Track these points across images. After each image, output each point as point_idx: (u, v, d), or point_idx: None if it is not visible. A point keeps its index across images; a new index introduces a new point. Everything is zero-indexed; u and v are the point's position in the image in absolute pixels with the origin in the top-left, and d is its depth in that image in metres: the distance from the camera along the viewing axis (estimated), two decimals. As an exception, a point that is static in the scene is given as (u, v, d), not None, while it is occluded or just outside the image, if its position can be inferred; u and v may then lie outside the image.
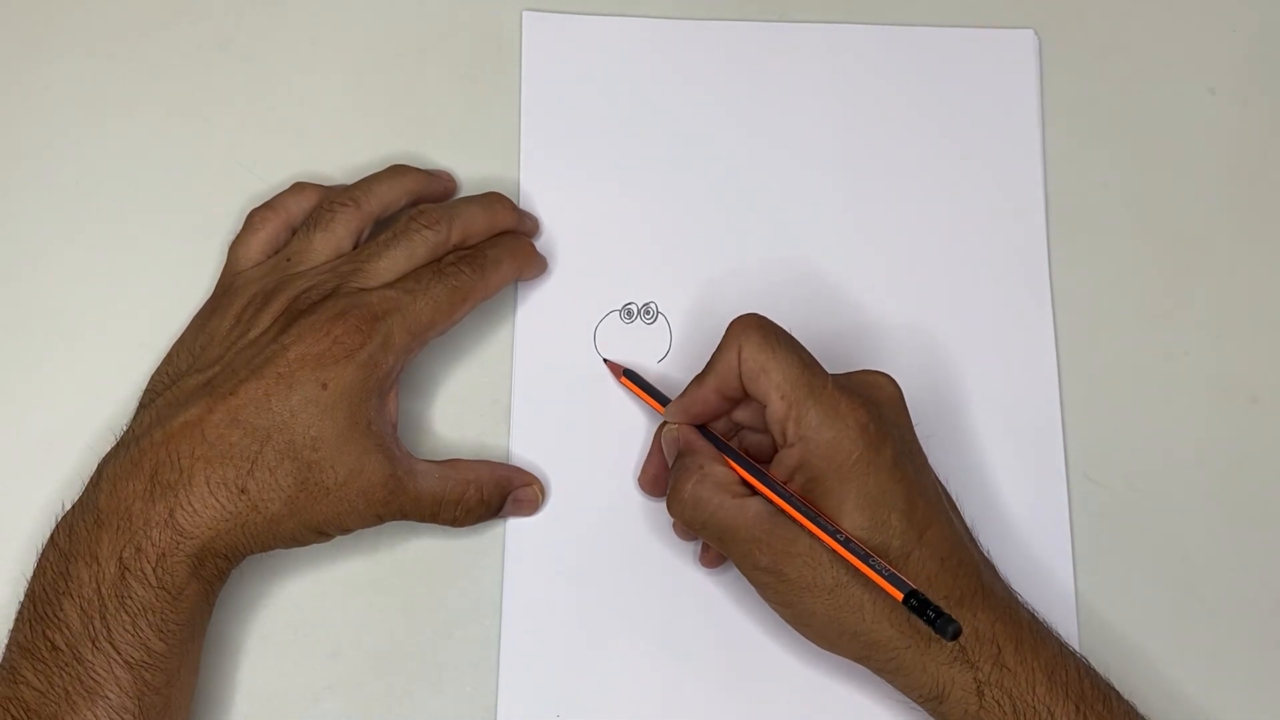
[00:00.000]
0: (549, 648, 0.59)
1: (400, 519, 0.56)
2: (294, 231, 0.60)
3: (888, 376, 0.57)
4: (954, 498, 0.57)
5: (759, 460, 0.57)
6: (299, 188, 0.61)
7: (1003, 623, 0.53)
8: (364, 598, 0.60)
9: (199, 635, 0.54)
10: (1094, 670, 0.54)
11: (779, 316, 0.64)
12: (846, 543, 0.51)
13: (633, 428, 0.62)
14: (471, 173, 0.65)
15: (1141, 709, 0.54)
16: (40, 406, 0.62)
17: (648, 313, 0.64)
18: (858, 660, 0.54)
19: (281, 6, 0.68)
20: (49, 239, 0.64)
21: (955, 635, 0.48)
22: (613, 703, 0.59)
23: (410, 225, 0.58)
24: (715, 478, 0.54)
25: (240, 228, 0.61)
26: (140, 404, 0.57)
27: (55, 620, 0.51)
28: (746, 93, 0.67)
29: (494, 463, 0.60)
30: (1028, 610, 0.55)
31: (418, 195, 0.62)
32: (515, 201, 0.64)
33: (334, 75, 0.67)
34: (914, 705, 0.54)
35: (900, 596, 0.50)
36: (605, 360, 0.63)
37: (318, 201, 0.60)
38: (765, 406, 0.54)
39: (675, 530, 0.60)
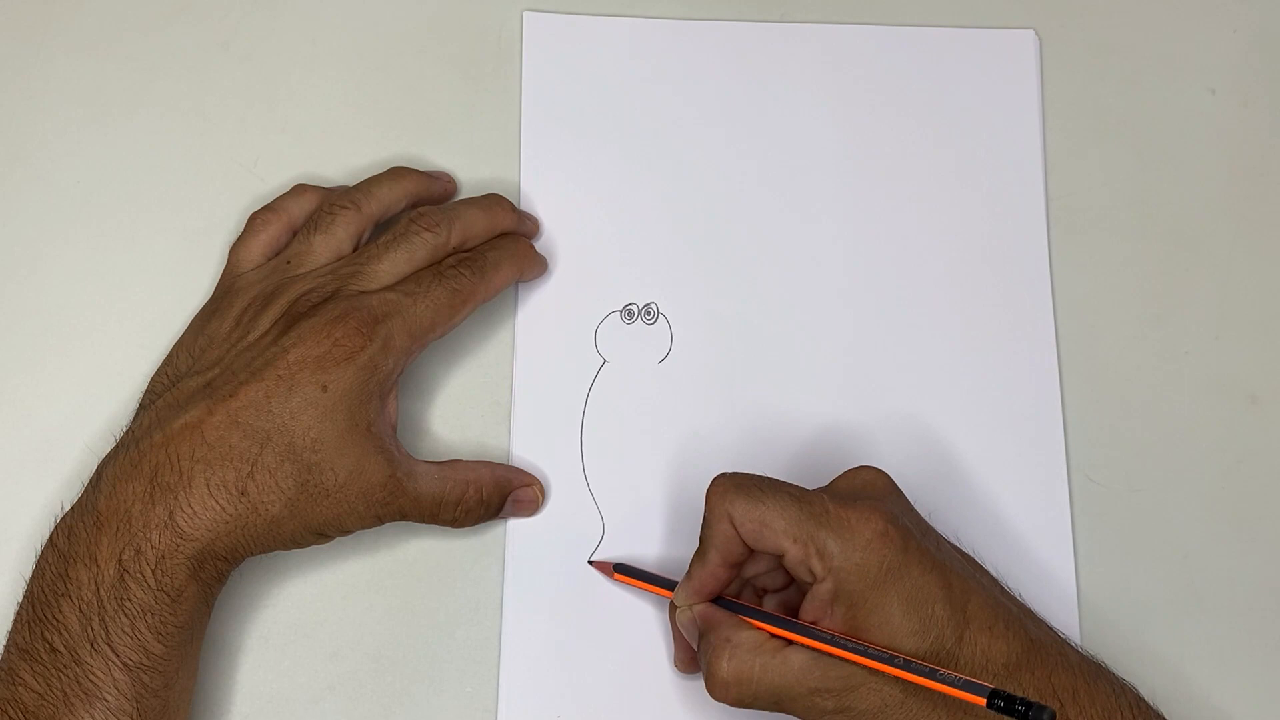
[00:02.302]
0: (549, 648, 0.59)
1: (400, 520, 0.56)
2: (294, 234, 0.60)
3: (874, 470, 0.56)
4: (971, 553, 0.56)
5: (777, 592, 0.56)
6: (299, 190, 0.62)
7: (1058, 674, 0.52)
8: (364, 598, 0.60)
9: (198, 637, 0.54)
10: (1144, 702, 0.53)
11: (779, 315, 0.64)
12: (907, 665, 0.50)
13: (633, 426, 0.62)
14: (471, 173, 0.65)
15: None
16: (40, 406, 0.62)
17: (648, 313, 0.64)
18: None
19: (281, 6, 0.68)
20: (49, 239, 0.64)
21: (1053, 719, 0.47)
22: (613, 703, 0.59)
23: (410, 228, 0.58)
24: (746, 645, 0.52)
25: (241, 229, 0.61)
26: (140, 405, 0.57)
27: (54, 622, 0.51)
28: (746, 93, 0.67)
29: (493, 463, 0.60)
30: (1073, 649, 0.54)
31: (418, 197, 0.62)
32: (515, 203, 0.64)
33: (334, 75, 0.67)
34: None
35: (984, 702, 0.48)
36: (590, 562, 0.61)
37: (318, 204, 0.60)
38: (780, 556, 0.53)
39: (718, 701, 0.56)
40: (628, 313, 0.64)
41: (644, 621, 0.60)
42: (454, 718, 0.59)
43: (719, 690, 0.52)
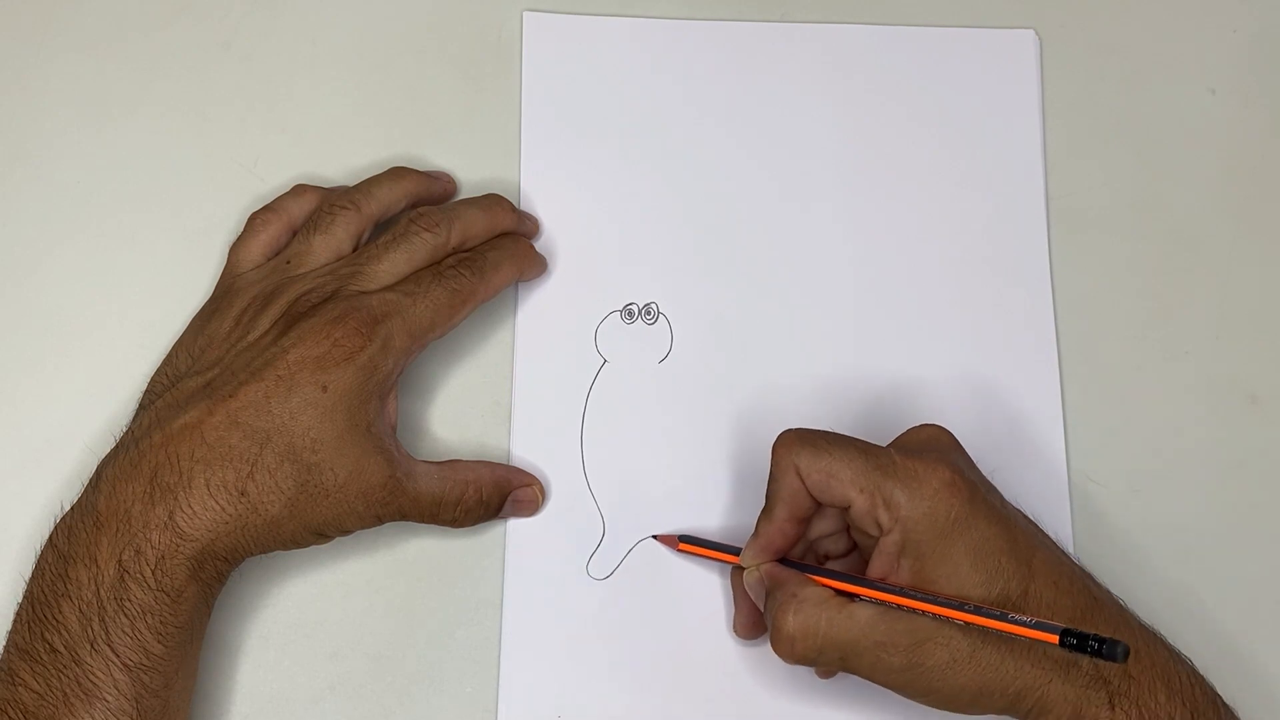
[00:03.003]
0: (549, 648, 0.59)
1: (400, 520, 0.56)
2: (294, 234, 0.60)
3: (938, 426, 0.56)
4: (1030, 515, 0.57)
5: (839, 559, 0.57)
6: (299, 190, 0.62)
7: (1121, 632, 0.52)
8: (364, 598, 0.60)
9: (197, 638, 0.54)
10: (1199, 674, 0.54)
11: (779, 315, 0.64)
12: (977, 610, 0.50)
13: (633, 426, 0.62)
14: (471, 173, 0.65)
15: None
16: (40, 406, 0.62)
17: (649, 313, 0.64)
18: (1003, 713, 0.52)
19: (281, 6, 0.68)
20: (49, 239, 0.64)
21: (1127, 654, 0.46)
22: (613, 703, 0.59)
23: (410, 228, 0.58)
24: (812, 600, 0.52)
25: (241, 229, 0.61)
26: (140, 405, 0.57)
27: (54, 622, 0.51)
28: (746, 93, 0.67)
29: (493, 463, 0.60)
30: (1132, 613, 0.54)
31: (417, 197, 0.62)
32: (515, 202, 0.64)
33: (334, 75, 0.67)
34: None
35: (1056, 640, 0.48)
36: (655, 536, 0.61)
37: (318, 204, 0.60)
38: (846, 509, 0.53)
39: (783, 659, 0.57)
40: (628, 313, 0.64)
41: (644, 621, 0.60)
42: (454, 718, 0.59)
43: (784, 645, 0.52)
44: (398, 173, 0.62)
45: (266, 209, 0.61)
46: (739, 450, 0.62)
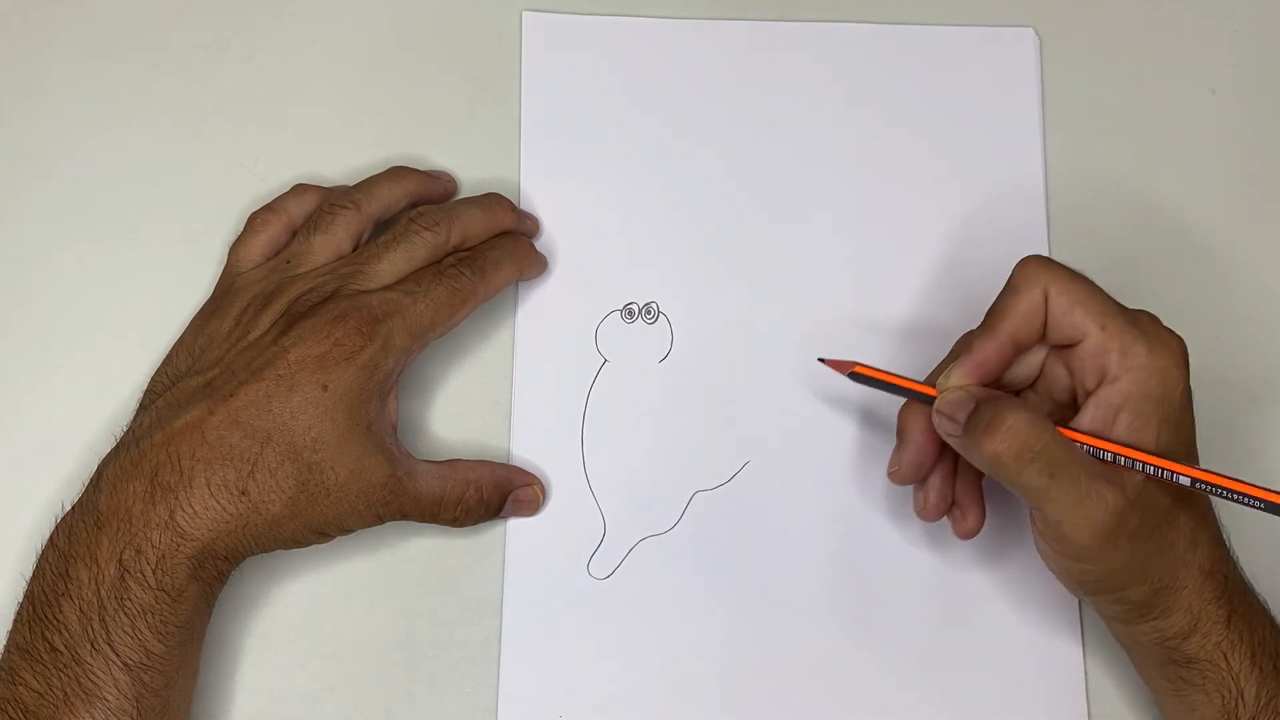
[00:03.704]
0: (549, 648, 0.60)
1: (400, 519, 0.56)
2: (294, 234, 0.60)
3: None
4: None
5: None
6: (299, 190, 0.62)
7: (1237, 566, 0.54)
8: (364, 598, 0.60)
9: (198, 637, 0.54)
10: None
11: (779, 315, 0.64)
12: (1207, 469, 0.50)
13: (633, 426, 0.62)
14: (471, 173, 0.65)
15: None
16: (40, 406, 0.62)
17: (649, 313, 0.64)
18: (1135, 604, 0.52)
19: (281, 6, 0.68)
20: (49, 239, 0.64)
21: None
22: (615, 703, 0.59)
23: (410, 227, 0.58)
24: (1038, 408, 0.51)
25: (241, 229, 0.61)
26: (140, 405, 0.57)
27: (54, 622, 0.51)
28: (746, 92, 0.67)
29: (494, 463, 0.60)
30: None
31: (418, 197, 0.62)
32: (515, 202, 0.64)
33: (334, 75, 0.67)
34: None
35: (1278, 499, 0.49)
36: (821, 360, 0.58)
37: (318, 204, 0.60)
38: (1074, 346, 0.52)
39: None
40: (628, 312, 0.64)
41: (644, 621, 0.60)
42: (454, 718, 0.59)
43: (1003, 436, 0.50)
44: (398, 172, 0.62)
45: (266, 209, 0.61)
46: (740, 448, 0.62)
